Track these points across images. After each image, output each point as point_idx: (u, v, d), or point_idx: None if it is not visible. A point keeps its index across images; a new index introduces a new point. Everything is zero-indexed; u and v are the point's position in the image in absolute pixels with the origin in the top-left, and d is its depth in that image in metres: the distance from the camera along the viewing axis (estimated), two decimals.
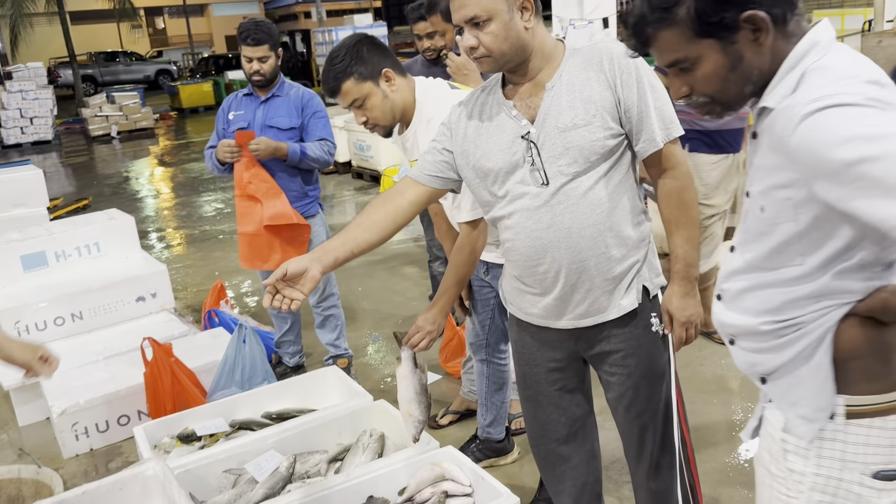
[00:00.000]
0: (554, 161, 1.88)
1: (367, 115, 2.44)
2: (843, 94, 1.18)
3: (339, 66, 2.36)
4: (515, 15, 1.82)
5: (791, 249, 1.33)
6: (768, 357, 1.41)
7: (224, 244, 7.33)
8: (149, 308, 4.35)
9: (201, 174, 11.57)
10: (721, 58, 1.32)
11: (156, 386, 3.27)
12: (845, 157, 1.15)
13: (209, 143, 3.80)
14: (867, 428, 1.34)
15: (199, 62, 27.24)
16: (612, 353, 2.04)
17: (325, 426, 2.89)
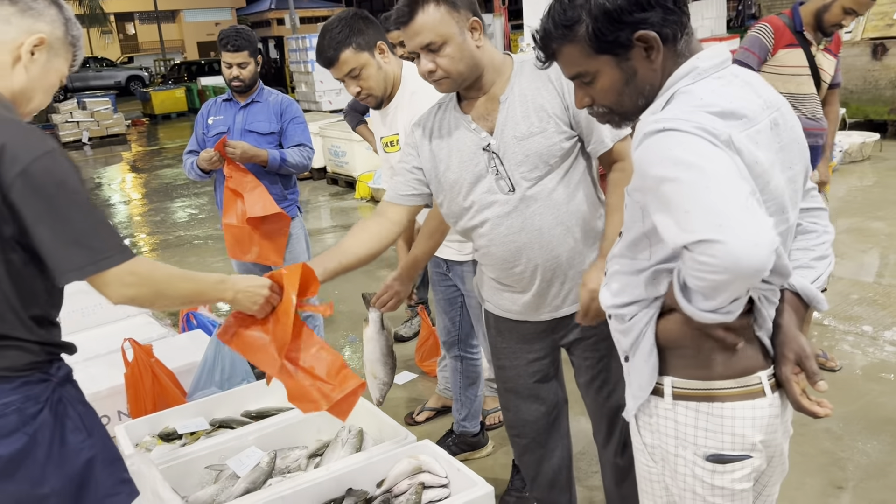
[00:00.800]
0: (516, 168, 2.02)
1: (362, 85, 2.52)
2: (679, 121, 1.31)
3: (337, 37, 2.43)
4: (467, 35, 1.96)
5: (641, 245, 1.48)
6: (621, 337, 1.57)
7: (199, 249, 7.36)
8: (127, 311, 4.37)
9: (175, 180, 11.56)
10: (617, 73, 1.45)
11: (136, 386, 3.32)
12: (654, 174, 1.30)
13: (188, 148, 3.86)
14: (695, 411, 1.48)
15: (172, 68, 27.09)
16: (585, 339, 2.16)
17: (305, 423, 2.95)
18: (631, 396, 1.56)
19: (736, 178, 1.25)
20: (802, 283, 1.51)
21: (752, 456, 1.47)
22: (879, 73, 8.88)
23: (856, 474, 2.89)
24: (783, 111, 1.45)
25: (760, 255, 1.19)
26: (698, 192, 1.23)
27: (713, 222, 1.21)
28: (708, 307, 1.31)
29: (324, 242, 7.13)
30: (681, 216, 1.25)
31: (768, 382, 1.47)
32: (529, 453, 2.41)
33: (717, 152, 1.28)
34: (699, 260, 1.23)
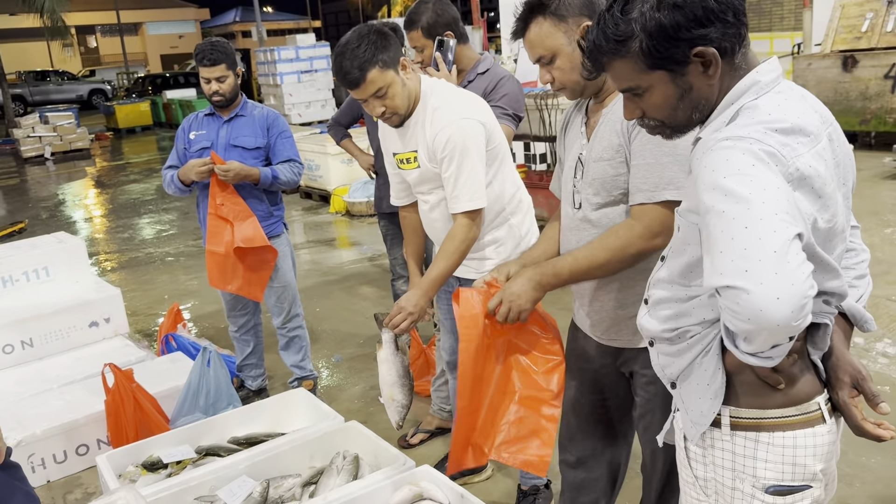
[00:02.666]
0: (587, 187, 1.94)
1: (388, 104, 2.40)
2: (743, 140, 1.25)
3: (363, 56, 2.30)
4: (579, 43, 1.82)
5: (698, 271, 1.40)
6: (672, 360, 1.50)
7: (170, 267, 7.18)
8: (102, 333, 4.22)
9: (142, 195, 11.32)
10: (671, 88, 1.38)
11: (118, 413, 3.18)
12: (705, 201, 1.25)
13: (168, 163, 3.73)
14: (754, 441, 1.41)
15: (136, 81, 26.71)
16: (639, 375, 2.06)
17: (297, 449, 2.85)
18: (691, 424, 1.48)
19: (784, 217, 1.18)
20: (849, 303, 1.46)
21: (813, 486, 1.41)
22: (850, 85, 9.02)
23: (863, 490, 2.85)
24: (835, 125, 1.39)
25: (782, 311, 1.14)
26: (736, 231, 1.18)
27: (741, 267, 1.16)
28: (748, 350, 1.26)
29: (299, 258, 6.98)
30: (715, 255, 1.21)
31: (826, 408, 1.42)
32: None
33: (774, 182, 1.21)
34: (726, 306, 1.19)
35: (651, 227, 1.78)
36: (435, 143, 2.43)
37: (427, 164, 2.50)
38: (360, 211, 8.29)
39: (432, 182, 2.54)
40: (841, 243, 1.40)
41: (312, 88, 16.52)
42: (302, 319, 3.89)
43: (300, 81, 16.48)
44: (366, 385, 4.14)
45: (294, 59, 16.44)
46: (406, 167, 2.59)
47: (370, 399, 3.98)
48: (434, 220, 2.62)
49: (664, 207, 1.76)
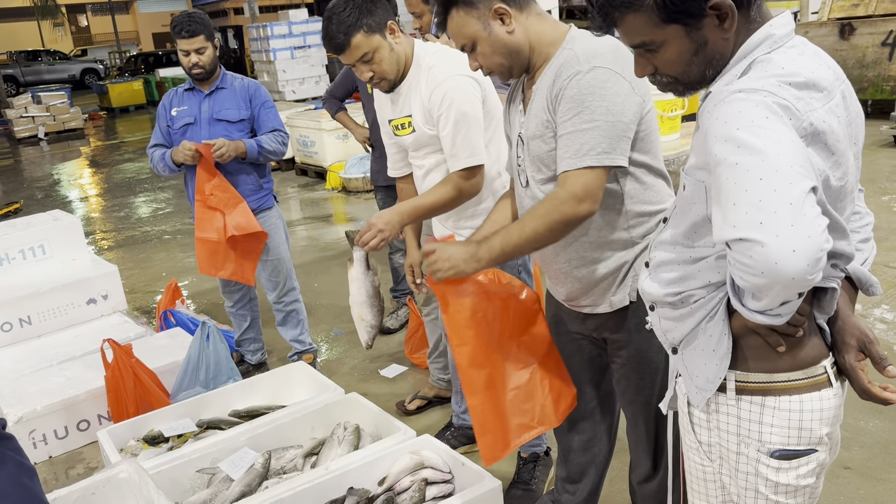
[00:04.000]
0: (530, 164, 1.95)
1: (375, 69, 2.40)
2: (757, 92, 1.22)
3: (347, 20, 2.31)
4: (494, 27, 1.85)
5: (704, 231, 1.39)
6: (675, 325, 1.48)
7: (167, 245, 7.16)
8: (100, 310, 4.21)
9: (137, 174, 11.27)
10: (686, 43, 1.34)
11: (118, 388, 3.18)
12: (716, 153, 1.22)
13: (152, 142, 3.68)
14: (760, 406, 1.40)
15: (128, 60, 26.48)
16: (611, 341, 2.09)
17: (298, 421, 2.85)
18: (696, 389, 1.46)
19: (799, 170, 1.16)
20: (855, 267, 1.44)
21: (818, 450, 1.40)
22: (847, 53, 8.96)
23: (861, 454, 2.87)
24: (847, 83, 1.37)
25: (798, 264, 1.12)
26: (750, 183, 1.15)
27: (755, 219, 1.13)
28: (756, 307, 1.24)
29: (296, 234, 6.97)
30: (728, 208, 1.17)
31: (832, 371, 1.40)
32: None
33: (787, 135, 1.19)
34: (738, 259, 1.17)
35: (575, 193, 1.77)
36: (431, 101, 2.41)
37: (423, 127, 2.48)
38: (357, 187, 8.26)
39: (428, 146, 2.53)
40: (850, 204, 1.39)
41: (306, 65, 16.35)
42: (298, 293, 3.88)
43: (293, 58, 16.30)
44: (364, 357, 4.15)
45: (287, 34, 16.25)
46: (401, 133, 2.57)
47: (370, 372, 3.99)
48: (429, 186, 2.60)
49: (588, 172, 1.76)
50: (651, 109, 1.87)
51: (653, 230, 1.95)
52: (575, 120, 1.76)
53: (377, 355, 4.13)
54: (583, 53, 1.80)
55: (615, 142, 1.76)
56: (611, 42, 1.85)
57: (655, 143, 1.91)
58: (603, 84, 1.75)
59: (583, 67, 1.77)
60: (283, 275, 3.78)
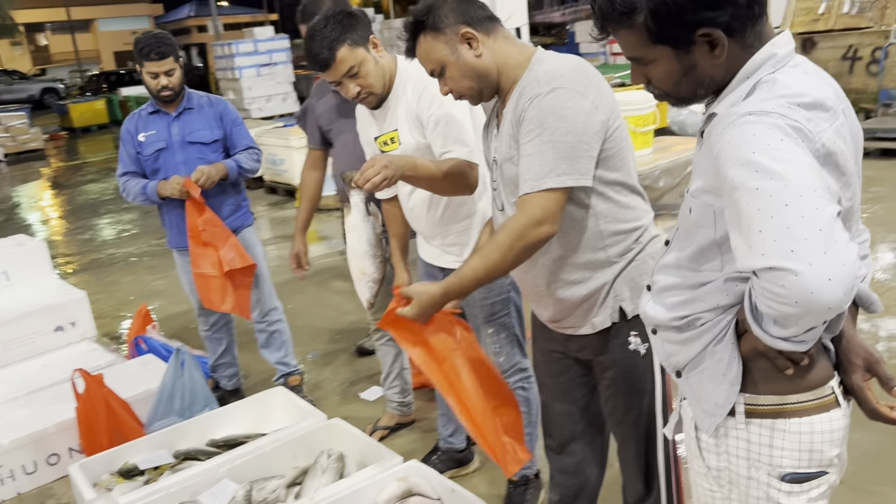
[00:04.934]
0: (504, 187, 1.94)
1: (362, 83, 2.37)
2: (767, 114, 1.20)
3: (330, 35, 2.28)
4: (461, 51, 1.86)
5: (710, 255, 1.36)
6: (679, 349, 1.45)
7: (134, 267, 7.01)
8: (68, 338, 4.08)
9: (100, 196, 11.05)
10: (674, 64, 1.33)
11: (90, 420, 3.07)
12: (732, 178, 1.19)
13: (121, 170, 3.53)
14: (770, 429, 1.37)
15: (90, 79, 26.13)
16: (595, 363, 2.06)
17: (279, 450, 2.78)
18: (704, 414, 1.43)
19: (823, 194, 1.13)
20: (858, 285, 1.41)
21: (829, 471, 1.38)
22: None
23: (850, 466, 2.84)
24: (847, 101, 1.35)
25: (834, 293, 1.08)
26: (775, 209, 1.12)
27: (785, 247, 1.10)
28: (780, 335, 1.21)
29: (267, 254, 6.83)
30: (752, 235, 1.14)
31: (839, 391, 1.38)
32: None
33: (805, 159, 1.16)
34: (767, 288, 1.13)
35: (534, 216, 1.76)
36: (420, 104, 2.37)
37: (409, 139, 2.44)
38: (327, 205, 8.13)
39: None
40: (856, 223, 1.37)
41: (272, 82, 16.23)
42: (281, 312, 3.77)
43: (259, 75, 16.18)
44: (344, 380, 4.07)
45: (253, 52, 16.14)
46: (387, 149, 2.53)
47: (350, 395, 3.90)
48: (414, 206, 2.55)
49: (547, 195, 1.75)
50: (620, 126, 1.86)
51: (630, 248, 1.93)
52: (535, 142, 1.76)
53: (356, 378, 4.05)
54: (544, 75, 1.79)
55: (575, 162, 1.75)
56: (573, 61, 1.85)
57: (627, 159, 1.90)
58: (563, 105, 1.75)
59: (543, 89, 1.77)
60: (265, 293, 3.67)
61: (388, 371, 3.35)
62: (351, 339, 4.54)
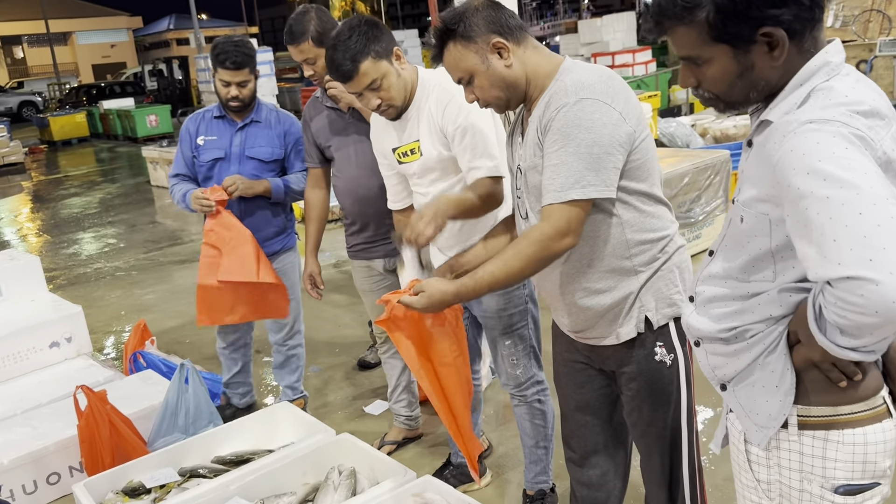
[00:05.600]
0: (528, 195, 1.93)
1: (383, 96, 2.34)
2: (829, 122, 1.19)
3: (355, 47, 2.24)
4: (492, 60, 1.85)
5: (763, 265, 1.35)
6: (727, 361, 1.43)
7: (122, 281, 6.91)
8: (64, 354, 4.00)
9: (84, 209, 10.93)
10: (732, 64, 1.32)
11: (92, 438, 3.00)
12: (798, 186, 1.18)
13: (174, 170, 3.41)
14: (823, 441, 1.36)
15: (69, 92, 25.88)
16: (619, 374, 2.04)
17: (289, 466, 2.72)
18: (755, 427, 1.41)
19: (894, 202, 1.12)
20: None
21: (882, 483, 1.37)
22: None
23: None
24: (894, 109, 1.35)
25: None
26: (850, 218, 1.11)
27: (864, 256, 1.09)
28: (849, 345, 1.19)
29: None
30: (826, 245, 1.12)
31: (889, 401, 1.37)
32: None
33: (871, 167, 1.15)
34: (844, 298, 1.12)
35: (559, 228, 1.76)
36: (445, 116, 2.35)
37: (432, 150, 2.42)
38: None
39: (435, 171, 2.47)
40: None
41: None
42: (302, 336, 3.66)
43: None
44: (347, 395, 4.02)
45: None
46: (407, 160, 2.51)
47: (354, 409, 3.85)
48: None
49: (571, 206, 1.76)
50: (646, 138, 1.85)
51: (656, 258, 1.92)
52: (560, 152, 1.75)
53: (359, 392, 4.00)
54: (571, 85, 1.78)
55: (601, 174, 1.75)
56: (601, 72, 1.84)
57: (653, 171, 1.89)
58: (590, 115, 1.74)
59: (570, 99, 1.76)
60: (293, 316, 3.55)
61: (395, 384, 3.31)
62: (351, 352, 4.50)
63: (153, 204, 10.83)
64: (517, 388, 2.63)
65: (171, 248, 7.98)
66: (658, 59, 14.65)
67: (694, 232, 5.35)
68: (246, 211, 3.31)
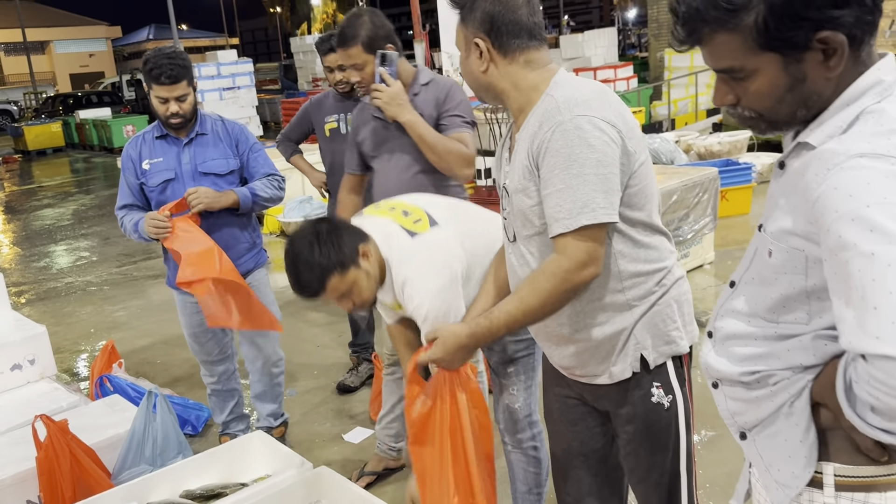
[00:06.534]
0: (515, 218, 1.81)
1: (356, 300, 2.22)
2: (882, 158, 1.05)
3: (320, 264, 2.10)
4: (471, 55, 1.77)
5: (796, 304, 1.21)
6: (746, 408, 1.30)
7: (93, 297, 6.69)
8: (26, 377, 3.78)
9: (57, 221, 10.67)
10: (781, 76, 1.15)
11: (52, 471, 2.80)
12: (842, 236, 1.03)
13: (120, 203, 3.18)
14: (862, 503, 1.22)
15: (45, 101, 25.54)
16: (614, 415, 1.91)
17: (264, 502, 2.55)
18: (777, 485, 1.27)
19: None
20: None
21: None
22: None
23: None
24: None
25: None
26: (894, 282, 0.96)
27: None
28: (879, 425, 1.05)
29: None
30: (866, 312, 0.98)
31: None
32: None
33: None
34: (878, 378, 0.98)
35: (578, 259, 1.63)
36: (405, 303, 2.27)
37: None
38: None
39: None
40: None
41: (235, 106, 16.00)
42: (283, 362, 3.46)
43: (222, 99, 15.95)
44: (325, 420, 3.84)
45: (216, 75, 15.92)
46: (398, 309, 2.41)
47: (332, 436, 3.68)
48: None
49: (584, 233, 1.62)
50: (645, 162, 1.72)
51: (652, 292, 1.78)
52: (563, 175, 1.61)
53: (339, 418, 3.83)
54: (564, 102, 1.65)
55: (609, 195, 1.62)
56: (595, 87, 1.72)
57: (651, 197, 1.76)
58: (591, 133, 1.61)
59: (565, 117, 1.62)
60: (273, 342, 3.35)
61: (390, 409, 3.13)
62: (330, 375, 4.32)
63: None
64: (513, 430, 2.49)
65: (146, 262, 7.77)
66: (639, 75, 14.66)
67: (682, 251, 5.25)
68: (212, 227, 3.07)
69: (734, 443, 1.37)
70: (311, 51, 17.19)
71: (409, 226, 2.26)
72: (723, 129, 9.89)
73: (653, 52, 15.52)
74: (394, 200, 2.43)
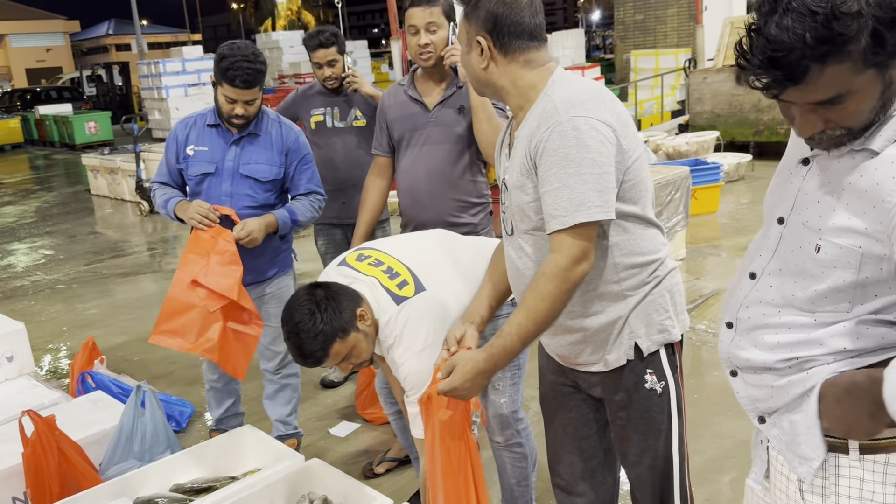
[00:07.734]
0: (514, 212, 1.86)
1: (354, 362, 2.22)
2: None
3: (321, 332, 2.09)
4: (473, 52, 1.81)
5: (841, 296, 1.26)
6: (772, 393, 1.35)
7: (63, 295, 6.59)
8: (5, 374, 3.73)
9: (20, 218, 10.46)
10: (877, 87, 1.15)
11: (38, 466, 2.77)
12: None
13: (156, 177, 3.08)
14: (883, 465, 1.29)
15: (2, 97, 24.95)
16: (608, 402, 1.97)
17: (256, 495, 2.56)
18: (799, 460, 1.32)
19: None
20: None
21: None
22: (743, 98, 9.42)
23: None
24: None
25: None
26: None
27: None
28: None
29: None
30: None
31: None
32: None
33: None
34: None
35: (574, 255, 1.69)
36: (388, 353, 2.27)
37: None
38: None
39: None
40: None
41: (201, 102, 15.80)
42: (297, 366, 3.33)
43: (187, 95, 15.79)
44: (310, 415, 3.85)
45: (181, 71, 15.77)
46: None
47: (318, 430, 3.69)
48: None
49: (580, 231, 1.68)
50: (640, 157, 1.79)
51: (646, 282, 1.84)
52: (560, 174, 1.67)
53: (324, 412, 3.85)
54: (561, 102, 1.71)
55: (604, 194, 1.68)
56: (591, 87, 1.77)
57: (645, 191, 1.82)
58: (587, 133, 1.66)
59: (562, 118, 1.68)
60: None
61: None
62: (314, 370, 4.32)
63: (93, 214, 10.44)
64: (500, 429, 2.54)
65: (114, 259, 7.67)
66: (606, 77, 14.85)
67: None
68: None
69: (713, 431, 1.43)
70: (276, 47, 17.05)
71: (395, 289, 2.24)
72: (689, 129, 10.08)
73: (619, 54, 15.74)
74: (377, 252, 2.38)
